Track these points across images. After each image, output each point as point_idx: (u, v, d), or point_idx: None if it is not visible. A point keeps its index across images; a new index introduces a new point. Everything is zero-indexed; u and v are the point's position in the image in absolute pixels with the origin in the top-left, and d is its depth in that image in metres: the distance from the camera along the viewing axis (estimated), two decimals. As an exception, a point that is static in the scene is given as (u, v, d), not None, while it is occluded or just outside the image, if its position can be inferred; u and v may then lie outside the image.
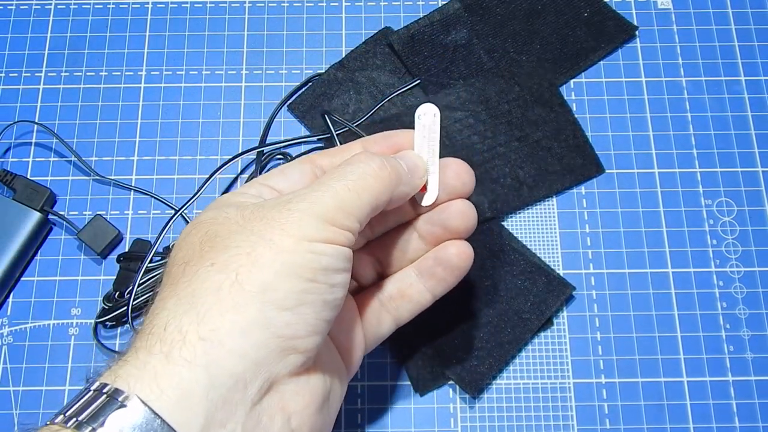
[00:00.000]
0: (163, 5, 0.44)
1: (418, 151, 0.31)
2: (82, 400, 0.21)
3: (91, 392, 0.21)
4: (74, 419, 0.20)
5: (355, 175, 0.26)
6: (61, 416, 0.20)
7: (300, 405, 0.24)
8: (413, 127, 0.31)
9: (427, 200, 0.30)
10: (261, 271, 0.23)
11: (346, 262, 0.25)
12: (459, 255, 0.30)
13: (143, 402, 0.20)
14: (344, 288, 0.25)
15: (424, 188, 0.30)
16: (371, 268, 0.32)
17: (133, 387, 0.20)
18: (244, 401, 0.21)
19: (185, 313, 0.22)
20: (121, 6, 0.44)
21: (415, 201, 0.31)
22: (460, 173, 0.31)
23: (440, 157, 0.31)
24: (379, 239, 0.32)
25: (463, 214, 0.30)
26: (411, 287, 0.31)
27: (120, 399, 0.20)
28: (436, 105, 0.40)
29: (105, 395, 0.20)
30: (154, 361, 0.21)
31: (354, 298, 0.31)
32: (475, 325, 0.36)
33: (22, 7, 0.44)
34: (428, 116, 0.31)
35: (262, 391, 0.22)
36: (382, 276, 0.32)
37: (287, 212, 0.24)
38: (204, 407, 0.20)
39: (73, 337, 0.37)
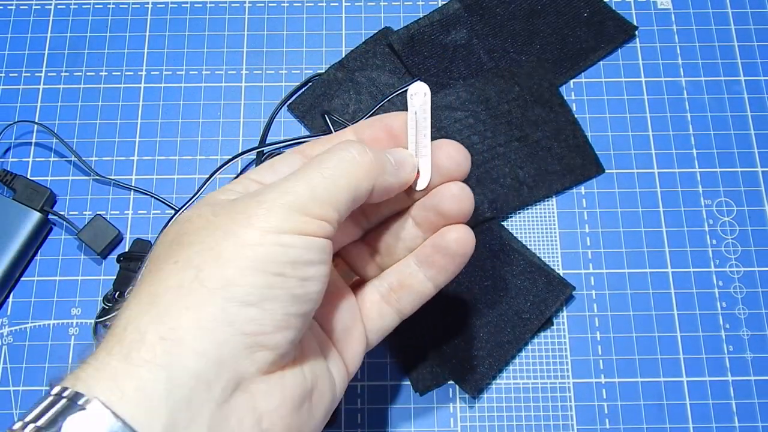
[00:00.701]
0: (163, 5, 0.44)
1: (410, 133, 0.29)
2: (42, 405, 0.20)
3: (51, 397, 0.20)
4: (32, 425, 0.19)
5: (331, 162, 0.25)
6: (20, 422, 0.20)
7: (272, 405, 0.23)
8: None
9: (420, 185, 0.29)
10: (223, 267, 0.22)
11: (321, 253, 0.24)
12: (458, 241, 0.28)
13: (104, 404, 0.19)
14: (320, 281, 0.24)
15: (419, 174, 0.29)
16: (371, 259, 0.31)
17: (93, 389, 0.20)
18: (208, 401, 0.21)
19: (145, 312, 0.22)
20: (121, 6, 0.44)
21: (410, 188, 0.29)
22: (453, 154, 0.29)
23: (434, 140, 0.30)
24: (376, 229, 0.31)
25: (456, 198, 0.28)
26: (411, 277, 0.29)
27: (80, 402, 0.19)
28: (436, 105, 0.40)
29: (65, 399, 0.20)
30: (114, 363, 0.20)
31: (354, 292, 0.30)
32: (475, 325, 0.36)
33: (22, 7, 0.44)
34: (419, 96, 0.30)
35: (227, 390, 0.21)
36: (383, 268, 0.31)
37: (256, 204, 0.23)
38: (166, 408, 0.20)
39: (73, 337, 0.37)
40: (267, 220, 0.23)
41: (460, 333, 0.36)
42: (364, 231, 0.31)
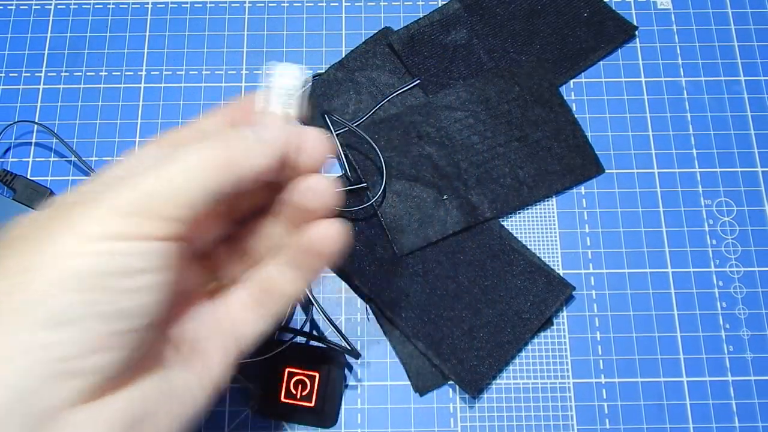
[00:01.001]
0: (163, 5, 0.44)
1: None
2: None
3: None
4: None
5: (184, 151, 0.22)
6: None
7: None
8: (411, 128, 0.31)
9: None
10: (33, 282, 0.19)
11: (158, 259, 0.21)
12: (323, 238, 0.25)
13: None
14: (154, 292, 0.21)
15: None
16: (238, 261, 0.27)
17: None
18: None
19: None
20: (121, 6, 0.44)
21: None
22: (314, 142, 0.25)
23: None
24: (242, 228, 0.27)
25: (311, 191, 0.25)
26: (279, 277, 0.26)
27: None
28: (436, 105, 0.40)
29: None
30: None
31: (219, 296, 0.27)
32: (475, 325, 0.36)
33: (22, 7, 0.44)
34: (287, 78, 0.26)
35: (36, 424, 0.19)
36: (251, 268, 0.28)
37: (90, 203, 0.20)
38: None
39: (73, 337, 0.37)
40: (90, 224, 0.20)
41: (460, 333, 0.36)
42: (230, 229, 0.28)
